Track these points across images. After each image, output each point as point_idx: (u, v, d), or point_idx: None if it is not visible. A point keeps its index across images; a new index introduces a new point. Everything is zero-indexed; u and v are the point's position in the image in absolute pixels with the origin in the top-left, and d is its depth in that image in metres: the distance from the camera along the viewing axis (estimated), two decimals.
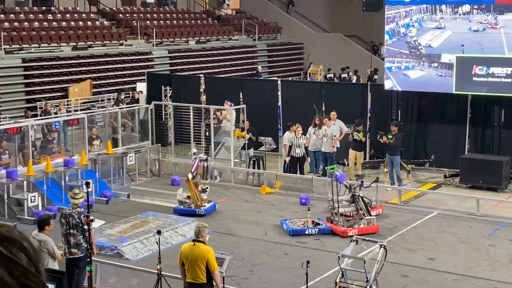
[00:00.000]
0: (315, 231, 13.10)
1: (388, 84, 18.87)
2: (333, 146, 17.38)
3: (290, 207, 15.20)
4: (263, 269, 11.48)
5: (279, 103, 20.87)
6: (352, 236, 11.17)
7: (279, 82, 21.46)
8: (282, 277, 11.07)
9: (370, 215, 13.30)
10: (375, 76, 28.28)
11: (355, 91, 20.60)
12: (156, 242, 9.59)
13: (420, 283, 10.70)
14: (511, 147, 17.65)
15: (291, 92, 21.11)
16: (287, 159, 17.40)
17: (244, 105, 18.97)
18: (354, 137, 17.49)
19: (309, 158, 17.54)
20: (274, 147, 19.07)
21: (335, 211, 13.21)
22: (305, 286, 8.38)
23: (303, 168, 17.54)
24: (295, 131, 17.25)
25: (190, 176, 14.51)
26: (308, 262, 8.37)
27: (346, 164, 18.39)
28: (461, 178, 17.17)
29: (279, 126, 20.67)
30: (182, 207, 14.70)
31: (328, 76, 30.95)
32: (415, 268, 11.30)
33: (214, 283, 8.77)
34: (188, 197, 14.66)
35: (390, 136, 16.72)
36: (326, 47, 34.63)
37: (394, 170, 16.73)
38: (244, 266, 11.59)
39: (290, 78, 31.03)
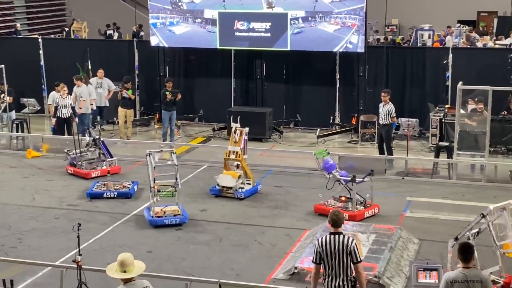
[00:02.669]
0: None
1: (154, 41, 18.79)
2: (80, 108, 17.03)
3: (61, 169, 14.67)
4: (32, 236, 10.99)
5: (42, 62, 19.89)
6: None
7: (40, 40, 20.43)
8: (54, 242, 10.69)
9: (112, 157, 14.34)
10: (141, 33, 28.05)
11: (121, 48, 20.31)
12: None
13: (194, 235, 10.97)
14: (273, 99, 18.69)
15: (54, 50, 20.26)
16: (54, 120, 16.71)
17: (3, 66, 17.81)
18: (123, 95, 17.35)
19: (76, 118, 16.99)
20: (39, 108, 18.19)
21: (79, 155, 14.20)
22: (77, 248, 8.14)
23: (72, 129, 16.95)
24: (60, 91, 16.57)
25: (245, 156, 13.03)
26: (79, 224, 8.16)
27: (116, 122, 18.17)
28: (228, 130, 17.79)
29: (43, 86, 19.73)
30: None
31: (67, 30, 30.49)
32: (189, 219, 11.50)
33: None
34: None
35: (167, 92, 16.86)
36: (89, 3, 33.43)
37: (169, 126, 17.01)
38: (12, 235, 11.00)
39: (52, 36, 29.66)
